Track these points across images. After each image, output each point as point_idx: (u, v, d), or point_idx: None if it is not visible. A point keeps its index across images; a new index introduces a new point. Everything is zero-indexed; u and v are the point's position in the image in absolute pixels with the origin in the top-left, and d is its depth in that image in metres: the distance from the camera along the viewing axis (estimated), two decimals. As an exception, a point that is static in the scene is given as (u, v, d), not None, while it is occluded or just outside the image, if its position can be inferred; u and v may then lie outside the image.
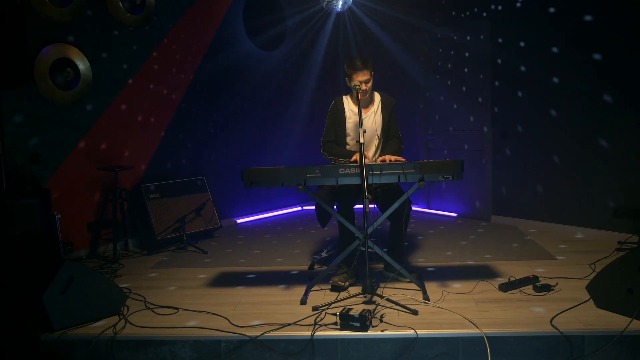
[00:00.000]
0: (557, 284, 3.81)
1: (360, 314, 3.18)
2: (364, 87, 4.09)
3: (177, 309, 3.69)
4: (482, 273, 4.27)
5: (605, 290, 3.35)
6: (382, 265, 4.29)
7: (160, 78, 5.91)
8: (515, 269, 4.31)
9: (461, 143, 6.47)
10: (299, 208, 7.65)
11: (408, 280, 4.00)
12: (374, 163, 3.88)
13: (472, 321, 3.24)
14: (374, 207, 4.21)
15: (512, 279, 3.90)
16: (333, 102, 4.38)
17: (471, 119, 6.35)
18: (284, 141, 7.41)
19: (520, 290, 3.77)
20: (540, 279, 3.94)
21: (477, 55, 6.22)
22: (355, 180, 3.74)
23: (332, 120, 4.36)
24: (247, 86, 6.85)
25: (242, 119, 6.83)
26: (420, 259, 4.75)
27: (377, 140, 4.31)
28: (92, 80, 5.23)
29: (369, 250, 3.65)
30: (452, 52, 6.49)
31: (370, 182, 3.68)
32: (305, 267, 4.65)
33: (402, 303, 3.53)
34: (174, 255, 5.29)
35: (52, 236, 4.56)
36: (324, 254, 4.65)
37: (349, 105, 4.32)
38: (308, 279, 4.25)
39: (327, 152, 4.35)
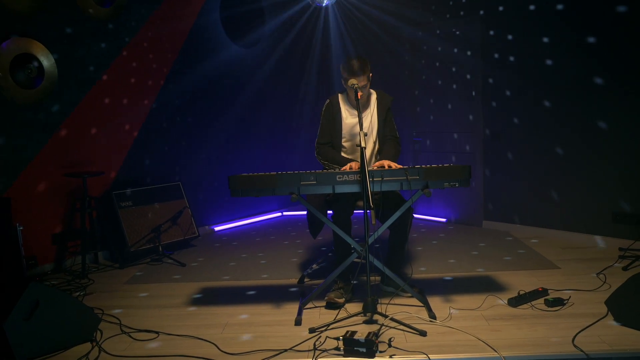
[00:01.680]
0: (569, 297, 3.56)
1: (367, 339, 2.86)
2: (359, 92, 3.77)
3: (157, 333, 3.31)
4: (486, 285, 4.00)
5: (627, 306, 3.09)
6: (375, 278, 3.97)
7: (132, 77, 5.49)
8: (519, 280, 4.06)
9: (450, 145, 6.21)
10: (279, 214, 7.30)
11: (409, 295, 3.71)
12: (372, 169, 3.56)
13: (487, 343, 2.96)
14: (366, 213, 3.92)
15: (521, 292, 3.63)
16: (327, 101, 4.05)
17: (461, 119, 6.09)
18: (264, 145, 7.04)
19: (532, 305, 3.50)
20: (549, 291, 3.69)
21: (468, 52, 5.96)
22: (354, 188, 3.43)
23: (327, 120, 4.04)
24: (225, 86, 6.47)
25: (218, 120, 6.43)
26: (418, 270, 4.45)
27: (374, 143, 3.99)
28: (57, 78, 4.79)
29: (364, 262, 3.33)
30: (440, 49, 6.22)
31: (357, 189, 3.42)
32: (294, 281, 4.31)
33: (407, 322, 3.22)
34: (149, 269, 4.87)
35: (13, 250, 4.13)
36: (314, 267, 4.31)
37: (344, 105, 4.00)
38: (299, 294, 3.92)
39: (322, 156, 4.02)
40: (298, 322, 3.38)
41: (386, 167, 3.58)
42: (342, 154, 4.01)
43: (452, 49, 6.09)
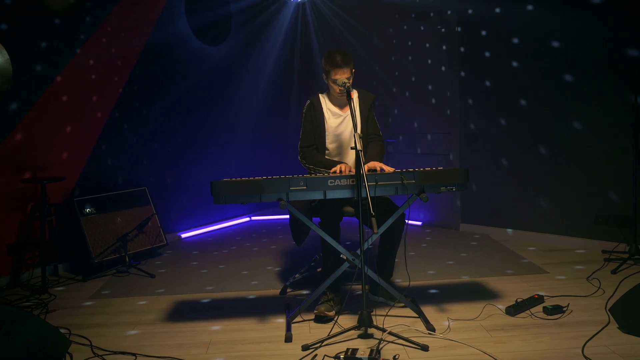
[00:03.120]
0: (568, 304, 3.44)
1: (370, 357, 2.65)
2: (338, 87, 3.56)
3: (134, 355, 3.00)
4: (477, 292, 3.85)
5: (635, 315, 2.98)
6: (358, 286, 3.76)
7: (93, 74, 5.11)
8: (510, 286, 3.94)
9: (425, 146, 6.06)
10: (247, 219, 7.01)
11: (401, 305, 3.53)
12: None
13: (494, 357, 2.79)
14: (353, 219, 3.72)
15: (519, 300, 3.49)
16: (308, 102, 3.82)
17: (437, 119, 5.95)
18: (234, 147, 6.74)
19: (531, 314, 3.36)
20: (545, 298, 3.57)
21: (441, 48, 5.84)
22: (346, 194, 3.21)
23: (308, 122, 3.80)
24: (193, 85, 6.14)
25: (186, 121, 6.10)
26: (399, 277, 4.26)
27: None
28: (12, 75, 4.38)
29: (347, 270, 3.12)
30: (412, 44, 6.07)
31: (350, 195, 3.21)
32: (276, 292, 4.06)
33: (406, 336, 3.03)
34: (116, 281, 4.52)
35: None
36: (297, 276, 4.06)
37: (326, 105, 3.78)
38: (284, 306, 3.67)
39: (307, 160, 3.78)
40: (288, 339, 3.13)
41: (378, 170, 3.38)
42: (327, 157, 3.79)
43: (426, 45, 5.96)
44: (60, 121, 4.83)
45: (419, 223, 6.21)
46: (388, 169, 3.39)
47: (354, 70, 3.63)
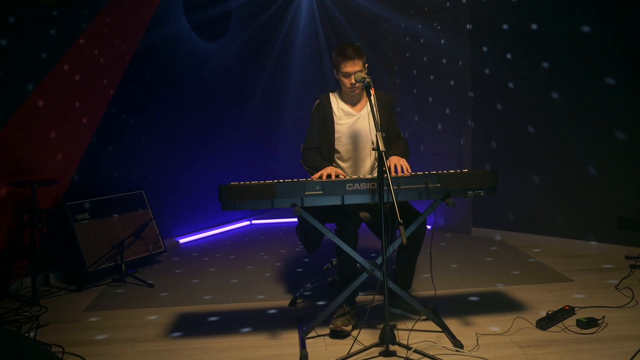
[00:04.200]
0: (603, 317, 3.19)
1: (400, 381, 2.38)
2: (353, 79, 3.30)
3: (135, 377, 2.72)
4: (502, 303, 3.59)
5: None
6: (375, 297, 3.49)
7: (86, 71, 4.81)
8: (534, 296, 3.69)
9: (436, 146, 5.80)
10: (247, 222, 6.73)
11: (422, 317, 3.27)
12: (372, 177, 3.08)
13: (533, 378, 2.53)
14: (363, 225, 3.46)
15: (549, 312, 3.24)
16: (317, 101, 3.55)
17: (449, 119, 5.70)
18: (236, 148, 6.47)
19: (564, 328, 3.11)
20: (576, 309, 3.32)
21: (453, 44, 5.58)
22: (366, 199, 2.95)
23: (317, 123, 3.53)
24: (190, 85, 5.86)
25: (181, 121, 5.82)
26: (418, 285, 4.00)
27: (373, 148, 3.50)
28: (-1, 71, 4.10)
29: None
30: (424, 41, 5.82)
31: (370, 200, 2.94)
32: (284, 303, 3.78)
33: (433, 354, 2.77)
34: (111, 292, 4.23)
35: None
36: (308, 286, 3.79)
37: (337, 104, 3.51)
38: (297, 320, 3.40)
39: (305, 163, 3.51)
40: (304, 358, 2.86)
41: (399, 167, 3.13)
42: (337, 161, 3.52)
43: (439, 42, 5.70)
44: (51, 121, 4.53)
45: (428, 227, 5.91)
46: (407, 167, 3.14)
47: (367, 65, 3.36)
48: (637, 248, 4.46)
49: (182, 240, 5.79)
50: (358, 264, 3.26)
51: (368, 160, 3.52)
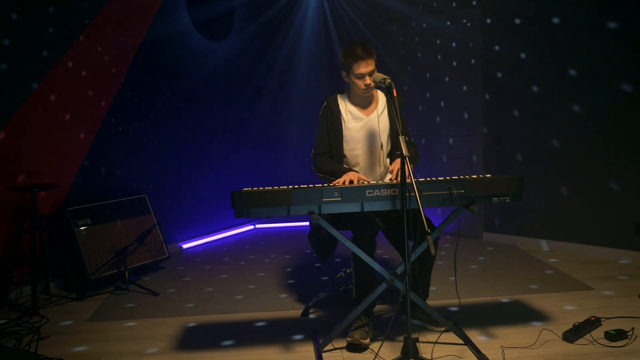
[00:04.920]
0: (632, 329, 3.05)
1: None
2: (368, 80, 3.16)
3: (144, 396, 2.57)
4: (523, 313, 3.45)
5: None
6: (384, 306, 3.37)
7: (86, 73, 4.66)
8: (557, 305, 3.55)
9: (445, 149, 5.67)
10: (252, 227, 6.58)
11: (441, 329, 3.14)
12: (390, 182, 2.94)
13: (567, 396, 2.39)
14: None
15: (576, 324, 3.10)
16: (324, 104, 3.39)
17: (458, 120, 5.57)
18: (240, 152, 6.32)
19: (593, 340, 2.97)
20: (602, 320, 3.19)
21: (465, 42, 5.44)
22: (386, 206, 2.80)
23: (324, 127, 3.37)
24: (193, 86, 5.70)
25: (184, 124, 5.66)
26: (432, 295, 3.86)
27: (382, 152, 3.35)
28: (-3, 71, 3.94)
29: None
30: (437, 41, 5.68)
31: (390, 207, 2.79)
32: (296, 313, 3.63)
33: (458, 369, 2.63)
34: (115, 300, 4.07)
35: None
36: (321, 295, 3.64)
37: (346, 107, 3.35)
38: (311, 332, 3.25)
39: (318, 169, 3.36)
40: (322, 374, 2.72)
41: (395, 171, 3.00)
42: (344, 165, 3.37)
43: (450, 41, 5.56)
44: (50, 123, 4.37)
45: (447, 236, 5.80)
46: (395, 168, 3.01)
47: (376, 63, 3.22)
48: (656, 255, 4.34)
49: (185, 246, 5.63)
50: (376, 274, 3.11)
51: (378, 167, 3.37)
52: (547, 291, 3.86)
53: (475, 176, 2.94)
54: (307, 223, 6.42)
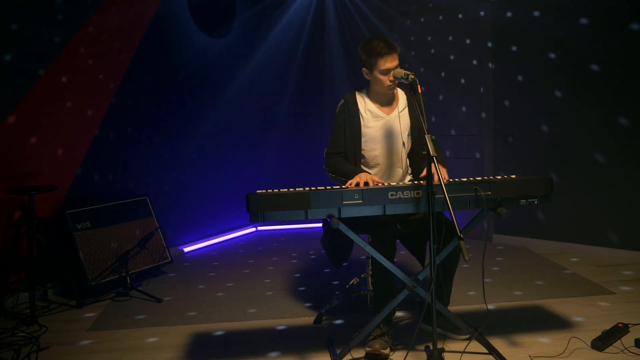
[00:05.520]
0: (664, 336, 2.92)
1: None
2: (392, 76, 3.01)
3: (155, 413, 2.40)
4: (547, 319, 3.31)
5: None
6: (400, 313, 3.22)
7: (85, 71, 4.48)
8: (580, 311, 3.42)
9: (454, 149, 5.52)
10: (253, 229, 6.41)
11: (463, 337, 3.01)
12: (407, 183, 2.79)
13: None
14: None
15: (605, 331, 2.96)
16: (342, 101, 3.24)
17: (468, 120, 5.42)
18: (243, 152, 6.16)
19: (625, 349, 2.84)
20: (629, 327, 3.06)
21: (475, 38, 5.31)
22: (408, 208, 2.66)
23: (341, 125, 3.22)
24: (195, 84, 5.53)
25: (185, 124, 5.49)
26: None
27: (403, 153, 3.21)
28: (-7, 68, 3.76)
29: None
30: (445, 36, 5.54)
31: (413, 210, 2.65)
32: (308, 320, 3.48)
33: (487, 381, 2.48)
34: (116, 308, 3.90)
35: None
36: (334, 302, 3.48)
37: (365, 105, 3.20)
38: (326, 341, 3.09)
39: (330, 169, 3.21)
40: (343, 386, 2.57)
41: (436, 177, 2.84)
42: (363, 167, 3.22)
43: (459, 36, 5.42)
44: (48, 123, 4.19)
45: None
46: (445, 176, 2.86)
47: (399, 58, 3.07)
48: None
49: (186, 249, 5.46)
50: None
51: (399, 168, 3.22)
52: (566, 295, 3.72)
53: (500, 177, 2.80)
54: (310, 225, 6.30)
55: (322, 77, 6.49)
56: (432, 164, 2.49)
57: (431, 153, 2.46)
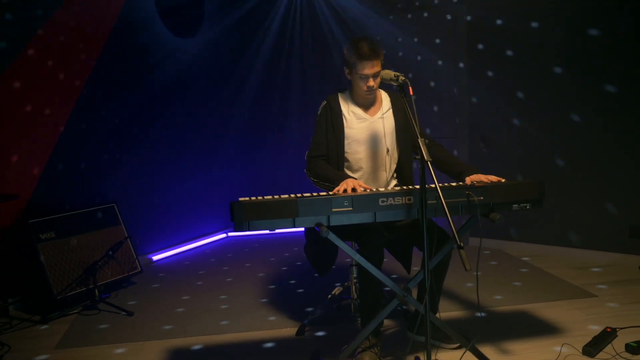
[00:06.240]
0: (653, 340, 2.90)
1: None
2: (371, 82, 2.91)
3: None
4: (533, 325, 3.26)
5: None
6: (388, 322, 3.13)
7: (45, 73, 4.23)
8: (565, 315, 3.38)
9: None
10: (224, 235, 6.22)
11: (452, 346, 2.93)
12: (403, 188, 2.68)
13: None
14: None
15: (595, 337, 2.93)
16: (324, 102, 3.12)
17: (442, 121, 5.38)
18: (218, 157, 5.98)
19: (616, 354, 2.80)
20: (617, 330, 3.03)
21: (448, 39, 5.27)
22: (399, 215, 2.55)
23: (323, 127, 3.10)
24: (163, 86, 5.31)
25: (157, 126, 5.28)
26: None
27: (388, 156, 3.10)
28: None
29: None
30: (415, 36, 5.49)
31: (405, 217, 2.55)
32: (290, 332, 3.34)
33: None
34: (85, 323, 3.68)
35: None
36: (317, 313, 3.35)
37: (348, 107, 3.09)
38: (310, 354, 2.96)
39: (312, 173, 3.08)
40: (334, 403, 2.45)
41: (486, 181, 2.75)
42: (346, 171, 3.10)
43: (430, 33, 5.37)
44: (8, 126, 3.94)
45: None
46: (496, 178, 2.76)
47: (382, 63, 2.96)
48: (650, 257, 4.26)
49: (155, 257, 5.24)
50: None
51: (383, 171, 3.11)
52: (549, 299, 3.69)
53: (493, 181, 2.73)
54: (282, 230, 6.15)
55: (292, 79, 6.36)
56: (427, 168, 2.39)
57: (425, 158, 2.36)
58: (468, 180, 2.77)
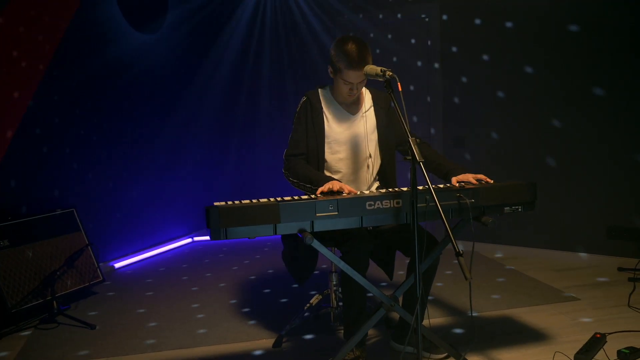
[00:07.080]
0: (645, 346, 2.82)
1: None
2: (354, 90, 2.78)
3: None
4: (519, 331, 3.15)
5: None
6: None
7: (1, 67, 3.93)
8: (550, 320, 3.28)
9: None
10: (189, 240, 5.97)
11: (440, 356, 2.78)
12: (389, 191, 2.52)
13: None
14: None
15: (586, 344, 2.83)
16: (304, 99, 2.95)
17: (416, 121, 5.27)
18: (182, 159, 5.72)
19: (609, 361, 2.71)
20: (606, 336, 2.95)
21: (423, 39, 5.16)
22: (387, 220, 2.39)
23: (302, 125, 2.92)
24: (124, 86, 5.04)
25: (119, 126, 5.00)
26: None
27: (371, 157, 2.94)
28: None
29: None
30: (390, 37, 5.36)
31: (393, 221, 2.40)
32: (267, 344, 3.14)
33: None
34: (43, 337, 3.40)
35: None
36: (296, 322, 3.16)
37: (328, 104, 2.92)
38: (291, 368, 2.78)
39: (291, 172, 2.89)
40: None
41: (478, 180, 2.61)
42: (325, 172, 2.93)
43: (405, 37, 5.25)
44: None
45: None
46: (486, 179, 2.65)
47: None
48: (628, 259, 4.22)
49: (117, 265, 4.96)
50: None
51: (364, 172, 2.95)
52: (533, 304, 3.59)
53: (482, 180, 2.60)
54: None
55: (262, 76, 6.17)
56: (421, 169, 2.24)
57: (417, 159, 2.20)
58: (454, 180, 2.63)
